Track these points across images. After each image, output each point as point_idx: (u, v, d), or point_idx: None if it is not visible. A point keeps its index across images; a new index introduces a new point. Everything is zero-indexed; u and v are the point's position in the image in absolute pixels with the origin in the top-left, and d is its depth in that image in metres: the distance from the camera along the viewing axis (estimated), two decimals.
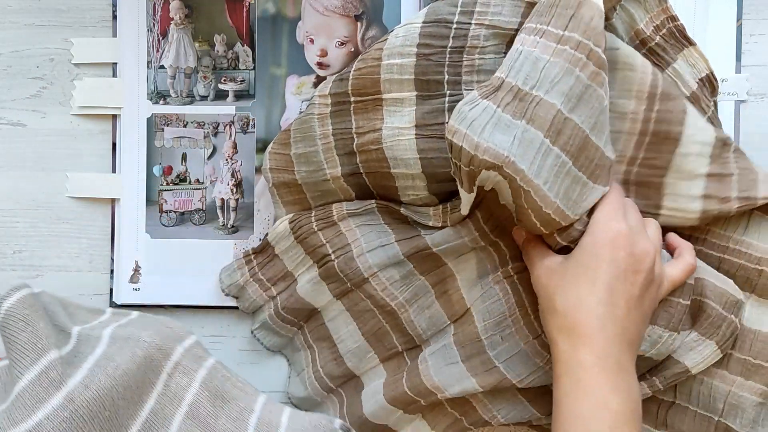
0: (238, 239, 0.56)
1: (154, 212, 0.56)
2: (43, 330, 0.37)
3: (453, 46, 0.45)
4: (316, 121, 0.49)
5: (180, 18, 0.55)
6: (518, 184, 0.40)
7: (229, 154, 0.56)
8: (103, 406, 0.36)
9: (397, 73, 0.46)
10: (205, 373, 0.43)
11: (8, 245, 0.57)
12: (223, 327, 0.56)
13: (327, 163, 0.50)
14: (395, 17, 0.54)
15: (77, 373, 0.37)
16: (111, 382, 0.37)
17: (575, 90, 0.40)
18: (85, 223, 0.57)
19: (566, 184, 0.41)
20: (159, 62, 0.56)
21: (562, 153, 0.40)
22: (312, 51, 0.54)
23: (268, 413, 0.43)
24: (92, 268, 0.57)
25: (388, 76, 0.46)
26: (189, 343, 0.44)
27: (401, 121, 0.46)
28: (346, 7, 0.54)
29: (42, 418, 0.34)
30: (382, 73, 0.46)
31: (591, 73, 0.41)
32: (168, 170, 0.56)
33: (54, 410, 0.34)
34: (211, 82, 0.56)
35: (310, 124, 0.50)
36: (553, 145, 0.40)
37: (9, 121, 0.57)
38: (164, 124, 0.56)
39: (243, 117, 0.55)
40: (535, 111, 0.40)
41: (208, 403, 0.42)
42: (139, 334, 0.41)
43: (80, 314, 0.45)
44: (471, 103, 0.41)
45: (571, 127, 0.40)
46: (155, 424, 0.39)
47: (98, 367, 0.37)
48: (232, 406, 0.43)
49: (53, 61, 0.57)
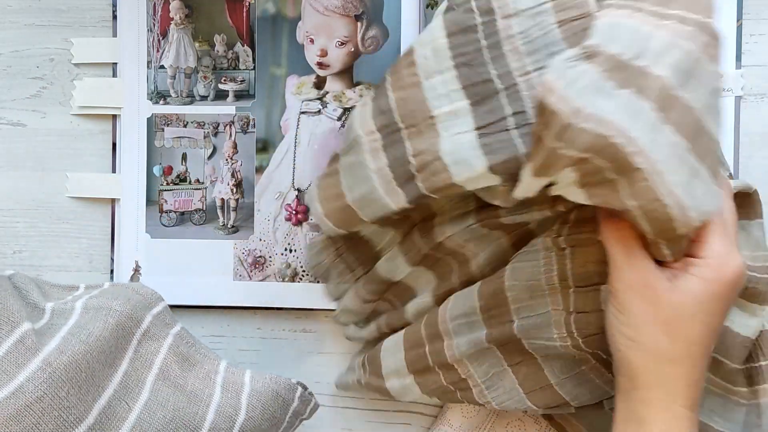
0: (238, 239, 0.56)
1: (154, 212, 0.56)
2: (14, 305, 0.40)
3: (488, 44, 0.42)
4: (369, 157, 0.44)
5: (180, 18, 0.55)
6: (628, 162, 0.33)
7: (229, 154, 0.56)
8: (79, 368, 0.39)
9: (443, 89, 0.43)
10: (172, 340, 0.47)
11: (8, 245, 0.57)
12: (223, 327, 0.56)
13: (389, 196, 0.44)
14: (395, 17, 0.54)
15: (52, 341, 0.39)
16: (85, 347, 0.40)
17: (684, 64, 0.34)
18: (85, 223, 0.57)
19: (686, 172, 0.34)
20: (159, 62, 0.56)
21: (677, 132, 0.34)
22: (312, 51, 0.54)
23: (231, 374, 0.47)
24: (92, 268, 0.57)
25: (434, 94, 0.43)
26: (157, 310, 0.47)
27: (460, 127, 0.42)
28: (346, 7, 0.54)
29: (23, 380, 0.37)
30: (427, 94, 0.43)
31: (702, 45, 0.35)
32: (168, 170, 0.56)
33: (33, 373, 0.37)
34: (211, 82, 0.56)
35: (363, 163, 0.45)
36: (666, 122, 0.33)
37: (9, 121, 0.57)
38: (164, 124, 0.56)
39: (243, 117, 0.55)
40: (641, 82, 0.33)
41: (176, 366, 0.46)
42: (110, 304, 0.44)
43: (54, 292, 0.48)
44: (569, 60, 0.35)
45: (682, 105, 0.34)
46: (129, 384, 0.43)
47: (71, 335, 0.40)
48: (198, 368, 0.47)
49: (53, 61, 0.57)
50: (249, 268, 0.55)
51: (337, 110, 0.55)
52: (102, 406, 0.40)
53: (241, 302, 0.56)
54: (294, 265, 0.55)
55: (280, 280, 0.55)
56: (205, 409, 0.44)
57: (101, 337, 0.41)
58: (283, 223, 0.55)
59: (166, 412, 0.43)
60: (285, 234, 0.55)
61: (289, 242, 0.55)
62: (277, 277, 0.55)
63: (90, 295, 0.46)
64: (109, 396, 0.41)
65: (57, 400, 0.37)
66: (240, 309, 0.56)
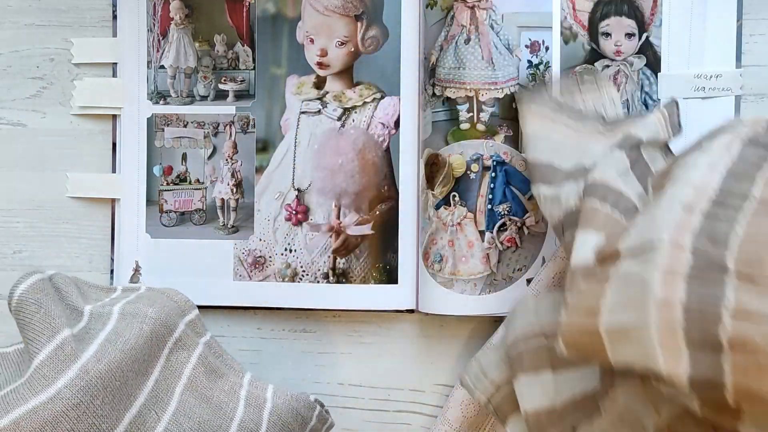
0: (238, 239, 0.56)
1: (154, 212, 0.56)
2: (55, 311, 0.40)
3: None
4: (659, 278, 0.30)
5: (180, 18, 0.55)
6: None
7: (229, 154, 0.56)
8: (114, 377, 0.39)
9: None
10: (201, 349, 0.47)
11: (8, 245, 0.57)
12: (223, 327, 0.57)
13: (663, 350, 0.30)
14: (395, 17, 0.54)
15: (90, 348, 0.39)
16: (121, 355, 0.40)
17: None
18: (85, 223, 0.57)
19: None
20: (159, 62, 0.56)
21: None
22: (312, 51, 0.55)
23: (254, 389, 0.48)
24: (92, 268, 0.57)
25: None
26: (190, 317, 0.48)
27: None
28: (346, 6, 0.54)
29: (61, 386, 0.37)
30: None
31: None
32: (168, 170, 0.56)
33: (71, 380, 0.37)
34: (211, 82, 0.56)
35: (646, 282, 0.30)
36: None
37: (9, 121, 0.57)
38: (164, 124, 0.56)
39: (243, 117, 0.55)
40: None
41: (204, 377, 0.47)
42: (146, 311, 0.44)
43: (93, 293, 0.48)
44: None
45: None
46: (159, 393, 0.43)
47: (108, 342, 0.40)
48: (224, 381, 0.48)
49: (53, 61, 0.57)
50: (249, 268, 0.55)
51: (337, 110, 0.55)
52: (133, 415, 0.41)
53: (241, 302, 0.56)
54: (294, 265, 0.55)
55: (280, 280, 0.55)
56: (228, 423, 0.45)
57: (136, 346, 0.41)
58: (283, 223, 0.55)
59: (192, 424, 0.43)
60: (285, 234, 0.55)
61: (289, 242, 0.55)
62: (277, 277, 0.55)
63: (127, 299, 0.46)
64: (140, 405, 0.41)
65: (92, 408, 0.38)
66: (240, 309, 0.56)
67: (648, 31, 0.53)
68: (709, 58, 0.53)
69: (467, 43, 0.53)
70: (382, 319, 0.56)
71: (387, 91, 0.55)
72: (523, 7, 0.53)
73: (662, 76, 0.53)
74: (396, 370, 0.56)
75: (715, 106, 0.53)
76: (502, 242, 0.53)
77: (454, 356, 0.56)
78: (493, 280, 0.53)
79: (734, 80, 0.52)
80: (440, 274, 0.53)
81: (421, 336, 0.56)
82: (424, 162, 0.54)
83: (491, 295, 0.53)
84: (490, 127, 0.53)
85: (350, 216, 0.55)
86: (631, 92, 0.54)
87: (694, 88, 0.53)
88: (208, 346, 0.48)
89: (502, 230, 0.53)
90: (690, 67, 0.53)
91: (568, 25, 0.53)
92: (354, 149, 0.55)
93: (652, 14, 0.53)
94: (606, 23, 0.53)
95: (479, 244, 0.53)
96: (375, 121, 0.55)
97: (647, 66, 0.53)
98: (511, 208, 0.53)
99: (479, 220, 0.53)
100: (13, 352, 0.44)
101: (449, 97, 0.53)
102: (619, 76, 0.54)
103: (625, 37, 0.53)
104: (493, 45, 0.53)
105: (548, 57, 0.53)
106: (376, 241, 0.55)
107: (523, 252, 0.53)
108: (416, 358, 0.56)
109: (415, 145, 0.54)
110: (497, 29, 0.53)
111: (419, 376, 0.56)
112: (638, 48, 0.53)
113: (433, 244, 0.53)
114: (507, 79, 0.53)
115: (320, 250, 0.55)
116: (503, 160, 0.53)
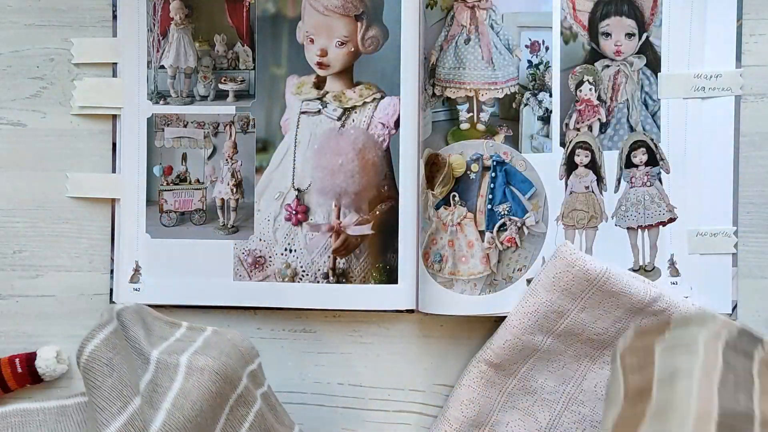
0: (238, 239, 0.56)
1: (154, 212, 0.56)
2: (126, 374, 0.40)
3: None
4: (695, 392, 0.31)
5: (180, 18, 0.55)
6: None
7: (229, 154, 0.56)
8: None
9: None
10: (260, 404, 0.47)
11: (8, 245, 0.57)
12: (223, 327, 0.56)
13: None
14: (395, 17, 0.54)
15: (158, 416, 0.40)
16: (187, 424, 0.40)
17: None
18: (85, 223, 0.57)
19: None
20: (159, 62, 0.56)
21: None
22: (312, 51, 0.55)
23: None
24: (92, 268, 0.57)
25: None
26: (252, 367, 0.48)
27: None
28: (346, 6, 0.54)
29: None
30: None
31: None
32: (168, 170, 0.56)
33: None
34: (211, 82, 0.56)
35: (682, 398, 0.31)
36: None
37: (9, 121, 0.57)
38: (164, 124, 0.56)
39: (243, 117, 0.55)
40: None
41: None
42: (213, 366, 0.44)
43: (157, 327, 0.48)
44: None
45: None
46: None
47: (175, 408, 0.40)
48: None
49: (53, 61, 0.57)
50: (249, 268, 0.55)
51: (337, 110, 0.55)
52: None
53: (241, 302, 0.56)
54: (294, 265, 0.55)
55: (280, 280, 0.55)
56: None
57: (202, 409, 0.42)
58: (283, 223, 0.55)
59: None
60: (285, 234, 0.55)
61: (289, 242, 0.55)
62: (277, 277, 0.55)
63: (194, 347, 0.46)
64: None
65: None
66: (240, 309, 0.56)
67: (648, 31, 0.53)
68: (709, 58, 0.53)
69: (467, 43, 0.53)
70: (382, 319, 0.56)
71: (387, 91, 0.55)
72: (523, 7, 0.53)
73: (662, 76, 0.53)
74: (396, 370, 0.56)
75: (715, 106, 0.53)
76: (502, 242, 0.53)
77: (454, 356, 0.56)
78: (493, 280, 0.53)
79: (734, 80, 0.52)
80: (440, 274, 0.53)
81: (421, 336, 0.56)
82: (424, 162, 0.54)
83: (491, 295, 0.53)
84: (490, 127, 0.53)
85: (350, 216, 0.55)
86: (631, 92, 0.54)
87: (694, 88, 0.53)
88: (265, 398, 0.48)
89: (502, 230, 0.53)
90: (690, 67, 0.53)
91: (568, 25, 0.53)
92: (354, 149, 0.55)
93: (652, 14, 0.53)
94: (606, 23, 0.53)
95: (479, 244, 0.53)
96: (375, 121, 0.55)
97: (647, 66, 0.54)
98: (511, 208, 0.53)
99: (479, 220, 0.53)
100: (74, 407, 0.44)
101: (449, 97, 0.53)
102: (619, 76, 0.54)
103: (625, 37, 0.54)
104: (493, 45, 0.53)
105: (548, 57, 0.53)
106: (376, 241, 0.55)
107: (523, 252, 0.53)
108: (416, 358, 0.56)
109: (415, 145, 0.54)
110: (497, 29, 0.53)
111: (419, 376, 0.56)
112: (638, 48, 0.54)
113: (433, 244, 0.53)
114: (507, 79, 0.53)
115: (320, 250, 0.55)
116: (503, 160, 0.53)
